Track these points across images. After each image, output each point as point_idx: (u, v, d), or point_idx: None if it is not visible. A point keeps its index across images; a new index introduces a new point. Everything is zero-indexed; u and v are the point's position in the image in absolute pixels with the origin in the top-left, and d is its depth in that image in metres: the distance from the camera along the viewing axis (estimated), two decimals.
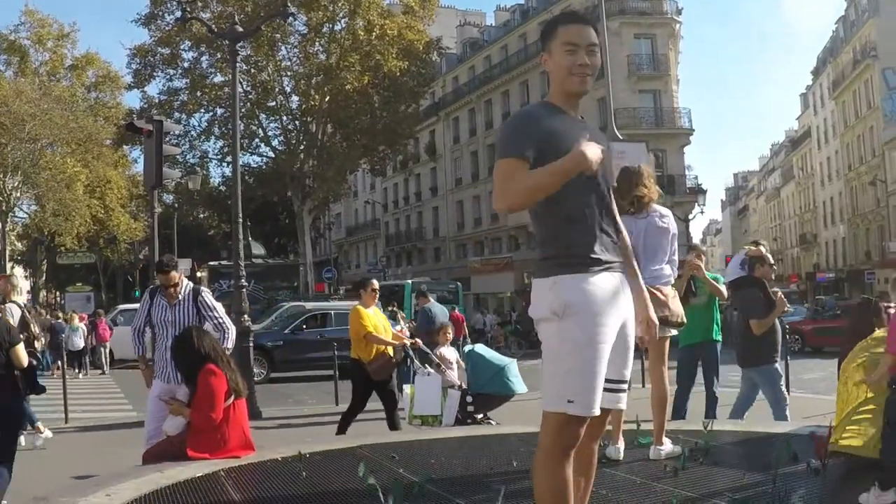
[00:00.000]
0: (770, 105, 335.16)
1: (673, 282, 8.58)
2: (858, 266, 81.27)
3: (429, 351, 15.33)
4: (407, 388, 14.35)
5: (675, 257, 8.70)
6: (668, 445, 8.83)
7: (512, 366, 13.91)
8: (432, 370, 14.38)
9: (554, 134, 4.78)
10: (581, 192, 4.81)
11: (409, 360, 15.12)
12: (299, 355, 28.84)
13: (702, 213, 62.38)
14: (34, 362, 9.89)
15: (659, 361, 8.69)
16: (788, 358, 19.22)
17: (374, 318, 13.59)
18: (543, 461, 4.69)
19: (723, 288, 12.60)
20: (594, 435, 4.94)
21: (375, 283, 13.82)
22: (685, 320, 8.67)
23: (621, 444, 8.71)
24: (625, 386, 5.01)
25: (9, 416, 9.12)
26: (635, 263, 5.38)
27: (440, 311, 19.25)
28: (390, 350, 13.64)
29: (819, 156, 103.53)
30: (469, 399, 13.66)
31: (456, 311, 37.69)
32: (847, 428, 7.97)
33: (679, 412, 12.71)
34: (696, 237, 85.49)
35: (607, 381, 4.75)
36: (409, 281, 55.90)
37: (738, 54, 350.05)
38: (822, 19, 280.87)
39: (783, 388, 12.47)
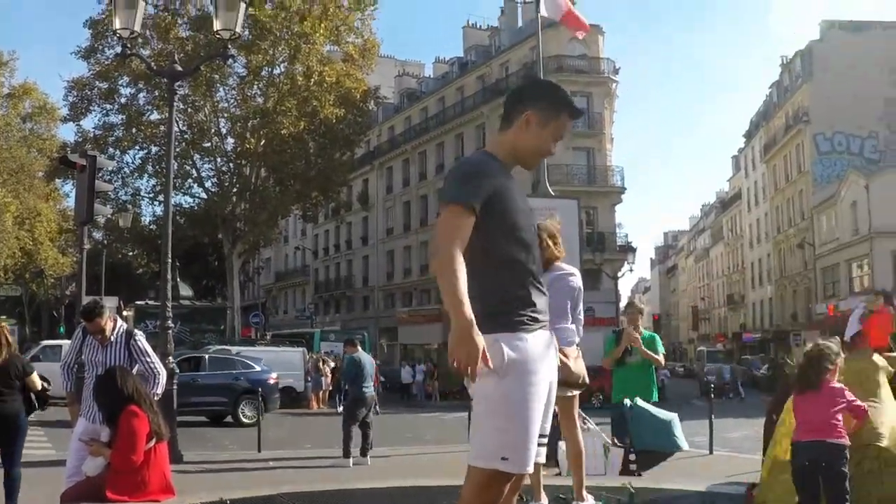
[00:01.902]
0: (702, 166, 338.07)
1: (577, 341, 8.48)
2: (785, 327, 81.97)
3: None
4: (563, 444, 13.46)
5: (581, 316, 8.68)
6: (589, 500, 8.97)
7: (676, 420, 13.05)
8: (592, 425, 12.87)
9: (502, 191, 4.79)
10: (518, 249, 4.82)
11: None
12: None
13: (631, 271, 62.88)
14: (46, 385, 11.21)
15: (571, 419, 8.68)
16: (713, 416, 19.33)
17: None
18: None
19: (660, 356, 12.60)
20: (514, 489, 4.90)
21: None
22: (587, 381, 8.64)
23: (544, 500, 8.67)
24: (546, 440, 5.01)
25: (23, 429, 10.96)
26: None
27: (368, 361, 19.12)
28: None
29: (749, 217, 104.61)
30: (632, 457, 12.85)
31: None
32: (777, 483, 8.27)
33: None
34: (625, 295, 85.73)
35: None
36: (318, 330, 56.70)
37: (672, 114, 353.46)
38: (755, 84, 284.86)
39: None
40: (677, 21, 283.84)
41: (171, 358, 18.18)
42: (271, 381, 30.98)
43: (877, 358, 9.44)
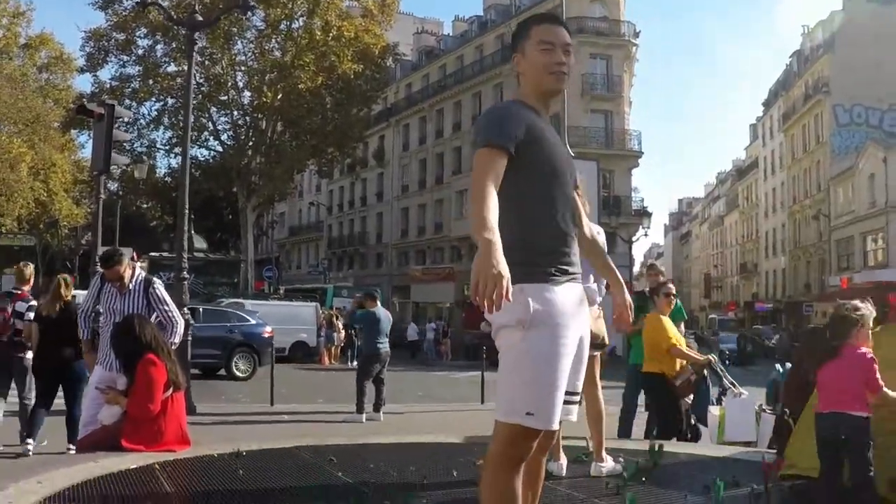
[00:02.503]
0: (719, 134, 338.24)
1: (599, 300, 8.36)
2: (797, 298, 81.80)
3: (724, 371, 13.60)
4: (715, 409, 13.16)
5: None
6: (609, 462, 8.82)
7: None
8: (743, 391, 13.02)
9: (536, 134, 4.69)
10: (549, 196, 4.73)
11: (705, 379, 13.43)
12: None
13: (646, 235, 62.53)
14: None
15: (591, 380, 8.55)
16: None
17: (673, 328, 12.04)
18: (493, 472, 4.54)
19: (682, 327, 12.60)
20: (543, 448, 4.82)
21: (672, 288, 12.31)
22: (608, 341, 8.60)
23: (564, 461, 8.63)
24: (577, 398, 4.95)
25: (83, 375, 11.15)
26: (608, 259, 5.52)
27: (384, 316, 18.92)
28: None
29: (765, 186, 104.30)
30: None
31: None
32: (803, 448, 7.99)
33: (626, 430, 12.66)
34: (638, 259, 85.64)
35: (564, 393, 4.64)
36: (331, 285, 56.81)
37: (691, 81, 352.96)
38: (776, 52, 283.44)
39: None
40: None
41: (186, 308, 18.14)
42: (265, 335, 30.51)
43: None
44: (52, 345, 11.24)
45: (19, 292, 12.56)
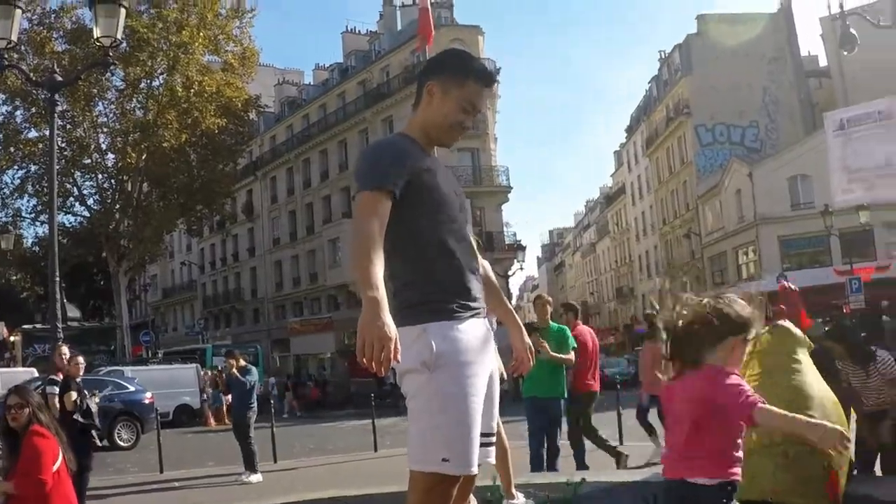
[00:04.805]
0: (585, 164, 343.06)
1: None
2: None
3: None
4: None
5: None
6: (520, 498, 8.73)
7: None
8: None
9: (424, 170, 4.51)
10: (445, 230, 4.51)
11: None
12: None
13: (521, 269, 63.23)
14: None
15: None
16: (620, 407, 19.37)
17: None
18: None
19: (570, 353, 12.57)
20: (464, 494, 4.56)
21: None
22: (504, 374, 8.45)
23: (521, 499, 8.62)
24: (494, 438, 4.70)
25: None
26: (506, 300, 5.26)
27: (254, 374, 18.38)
28: None
29: (634, 211, 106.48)
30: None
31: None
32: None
33: (537, 462, 12.52)
34: (515, 293, 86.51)
35: (480, 435, 4.41)
36: (210, 345, 56.43)
37: (553, 112, 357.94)
38: (635, 79, 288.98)
39: None
40: (555, 22, 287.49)
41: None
42: (147, 401, 29.86)
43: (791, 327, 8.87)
44: None
45: None
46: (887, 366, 9.30)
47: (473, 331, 4.43)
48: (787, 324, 8.19)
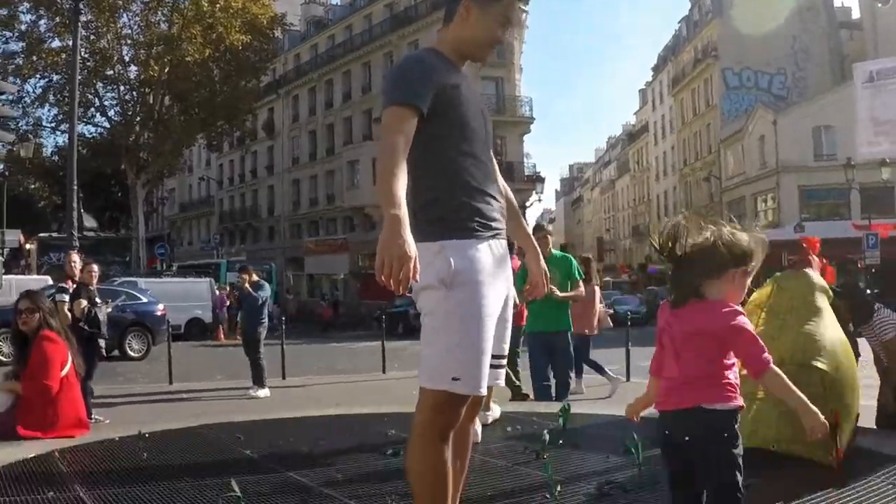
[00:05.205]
0: (608, 100, 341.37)
1: None
2: None
3: None
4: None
5: None
6: (495, 409, 9.37)
7: None
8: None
9: (451, 88, 4.44)
10: (467, 151, 4.48)
11: None
12: None
13: (539, 200, 62.99)
14: None
15: None
16: (630, 344, 19.41)
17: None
18: (422, 443, 4.31)
19: (579, 286, 12.58)
20: (471, 415, 4.59)
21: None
22: (517, 301, 8.51)
23: (495, 410, 9.07)
24: (504, 361, 4.72)
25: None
26: (525, 223, 5.25)
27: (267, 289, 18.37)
28: None
29: (655, 150, 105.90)
30: None
31: None
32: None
33: (543, 392, 12.53)
34: (532, 225, 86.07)
35: (491, 356, 4.43)
36: (224, 260, 56.51)
37: (580, 47, 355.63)
38: (665, 18, 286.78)
39: None
40: None
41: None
42: (159, 313, 29.90)
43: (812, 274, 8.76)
44: None
45: None
46: (884, 326, 9.26)
47: (492, 251, 4.42)
48: (810, 271, 8.14)
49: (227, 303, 42.15)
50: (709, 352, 4.43)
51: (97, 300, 12.95)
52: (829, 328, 7.48)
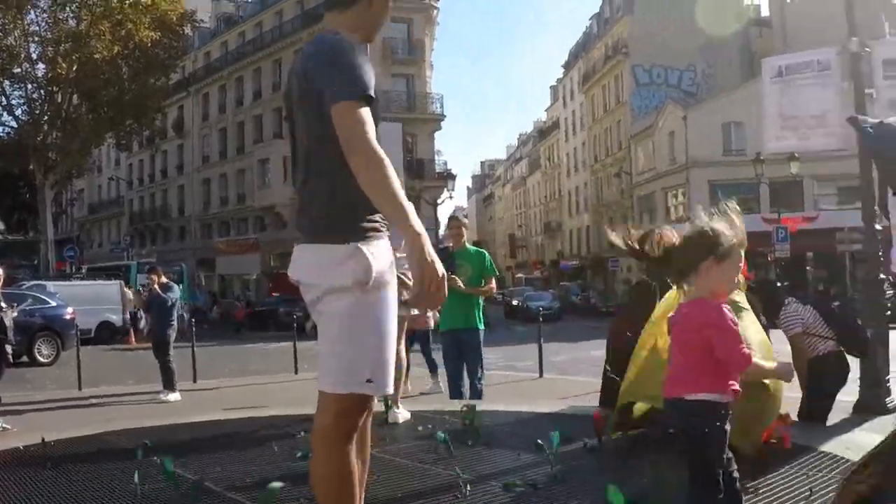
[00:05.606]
0: (520, 97, 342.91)
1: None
2: (602, 254, 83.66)
3: None
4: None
5: None
6: (403, 411, 10.00)
7: None
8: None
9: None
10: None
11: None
12: None
13: (451, 197, 62.94)
14: None
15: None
16: (542, 340, 19.43)
17: None
18: (328, 447, 4.23)
19: (492, 282, 12.47)
20: (366, 425, 4.54)
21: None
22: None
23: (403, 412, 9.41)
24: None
25: None
26: None
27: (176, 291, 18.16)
28: None
29: (566, 147, 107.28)
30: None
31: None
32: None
33: (455, 392, 12.50)
34: (443, 223, 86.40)
35: None
36: (135, 262, 56.18)
37: (492, 43, 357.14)
38: (576, 16, 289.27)
39: None
40: None
41: None
42: (68, 317, 29.49)
43: None
44: None
45: None
46: (788, 320, 9.68)
47: (388, 249, 4.34)
48: None
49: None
50: (692, 345, 4.70)
51: (2, 304, 12.71)
52: (748, 328, 7.49)
